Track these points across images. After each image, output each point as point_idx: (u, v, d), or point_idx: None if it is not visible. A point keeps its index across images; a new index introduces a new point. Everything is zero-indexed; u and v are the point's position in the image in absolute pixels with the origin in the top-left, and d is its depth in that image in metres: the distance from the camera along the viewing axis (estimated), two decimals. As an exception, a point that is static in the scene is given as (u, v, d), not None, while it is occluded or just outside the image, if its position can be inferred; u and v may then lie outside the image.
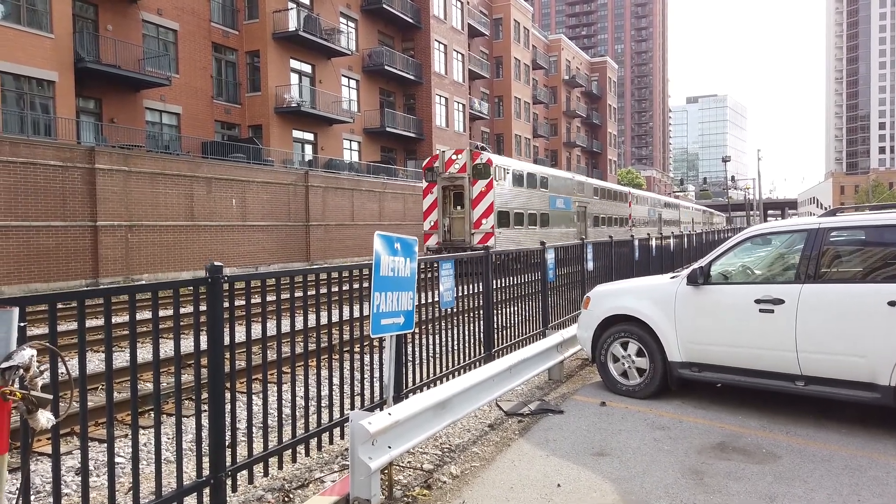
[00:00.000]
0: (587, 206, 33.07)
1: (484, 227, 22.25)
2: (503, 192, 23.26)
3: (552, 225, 28.04)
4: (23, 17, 21.91)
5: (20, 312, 2.52)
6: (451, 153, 23.19)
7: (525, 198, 25.44)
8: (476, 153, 22.67)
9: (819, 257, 5.64)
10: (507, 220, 23.57)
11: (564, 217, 29.70)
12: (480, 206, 22.44)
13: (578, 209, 31.86)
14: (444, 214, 23.22)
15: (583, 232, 32.00)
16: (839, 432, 5.44)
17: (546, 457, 5.04)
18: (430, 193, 23.44)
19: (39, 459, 5.23)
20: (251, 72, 31.98)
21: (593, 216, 34.10)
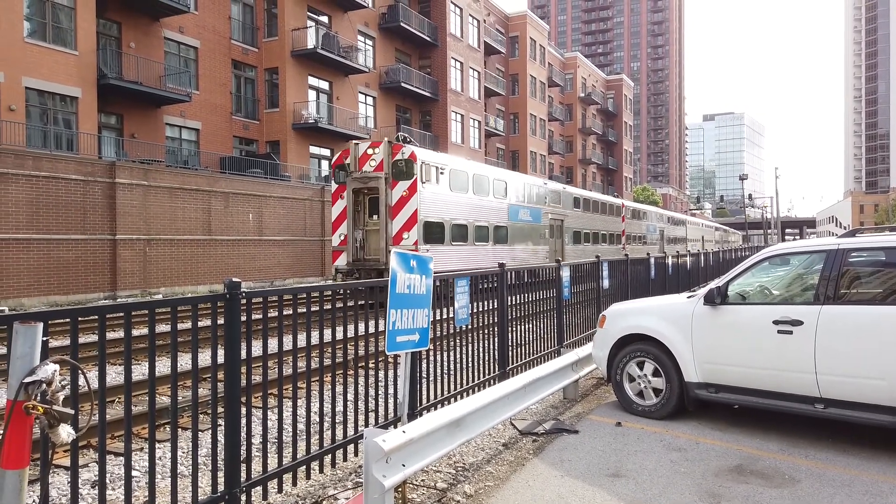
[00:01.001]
0: (564, 220, 28.25)
1: (405, 243, 17.39)
2: (435, 197, 18.49)
3: (513, 241, 23.41)
4: (48, 35, 22.40)
5: (43, 327, 2.56)
6: (366, 146, 18.17)
7: (470, 206, 20.67)
8: (397, 146, 17.72)
9: (838, 278, 5.58)
10: (440, 233, 18.87)
11: (532, 232, 24.97)
12: (401, 214, 17.59)
13: (553, 223, 27.09)
14: (355, 226, 18.29)
15: (558, 251, 27.51)
16: (860, 456, 5.34)
17: (561, 477, 4.99)
18: (339, 199, 18.57)
19: (56, 472, 5.27)
20: (269, 88, 32.39)
21: (573, 231, 29.30)
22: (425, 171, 17.88)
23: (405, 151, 17.66)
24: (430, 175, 18.12)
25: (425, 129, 42.41)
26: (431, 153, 19.29)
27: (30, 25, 22.00)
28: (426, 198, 18.05)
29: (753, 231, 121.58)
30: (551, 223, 27.07)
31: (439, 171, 18.77)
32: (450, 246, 19.36)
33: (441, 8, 42.30)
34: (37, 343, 2.44)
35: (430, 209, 18.33)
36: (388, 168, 17.69)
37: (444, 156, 20.02)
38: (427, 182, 17.97)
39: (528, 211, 24.85)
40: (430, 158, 18.47)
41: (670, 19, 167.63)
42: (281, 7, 31.49)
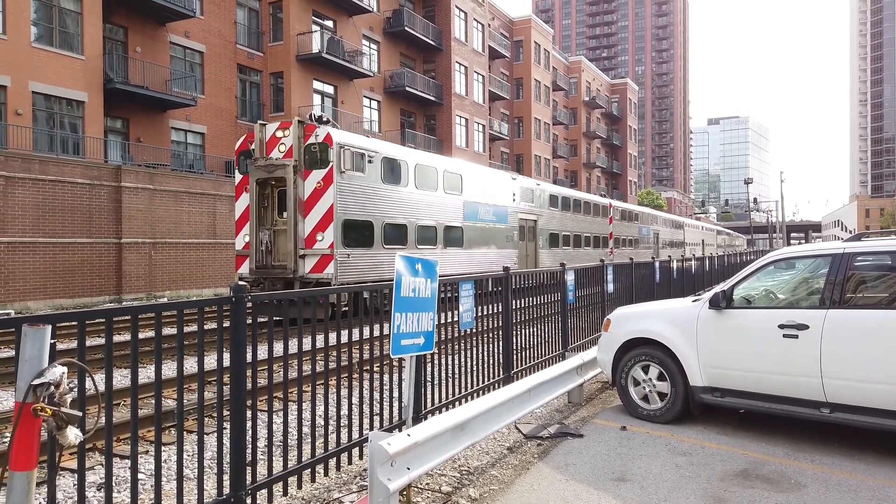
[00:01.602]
0: (538, 220, 25.02)
1: (319, 246, 14.35)
2: (360, 189, 15.32)
3: (470, 244, 20.14)
4: (55, 40, 22.53)
5: (51, 330, 2.57)
6: (275, 127, 15.20)
7: (412, 203, 17.39)
8: (309, 127, 14.74)
9: (844, 282, 5.56)
10: (367, 235, 15.62)
11: (496, 234, 21.77)
12: (315, 211, 14.50)
13: (524, 223, 23.96)
14: (261, 225, 15.17)
15: (530, 255, 24.55)
16: (866, 461, 5.32)
17: (565, 481, 4.99)
18: (243, 192, 15.51)
19: (62, 475, 5.29)
20: (275, 93, 32.50)
21: (549, 233, 26.02)
22: (345, 158, 14.65)
23: (319, 133, 14.55)
24: (352, 163, 14.92)
25: (430, 133, 42.48)
26: (356, 136, 16.03)
27: (37, 30, 22.13)
28: (347, 190, 14.90)
29: (759, 235, 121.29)
30: (522, 224, 23.73)
31: (366, 159, 15.51)
32: (382, 250, 16.03)
33: (445, 12, 42.39)
34: (45, 346, 2.46)
35: (353, 205, 15.10)
36: (299, 154, 14.64)
37: (375, 141, 16.58)
38: (348, 171, 14.79)
39: (491, 210, 21.49)
40: (352, 142, 15.24)
41: (675, 23, 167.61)
42: (286, 12, 31.61)
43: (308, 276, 14.37)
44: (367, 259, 15.60)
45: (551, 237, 26.32)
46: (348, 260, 14.81)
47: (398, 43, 39.81)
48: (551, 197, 26.75)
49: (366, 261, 15.53)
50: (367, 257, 15.62)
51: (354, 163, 15.05)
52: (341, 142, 14.71)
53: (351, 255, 14.92)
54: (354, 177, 15.13)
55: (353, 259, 15.06)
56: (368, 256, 15.65)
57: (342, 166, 14.59)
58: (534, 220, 24.77)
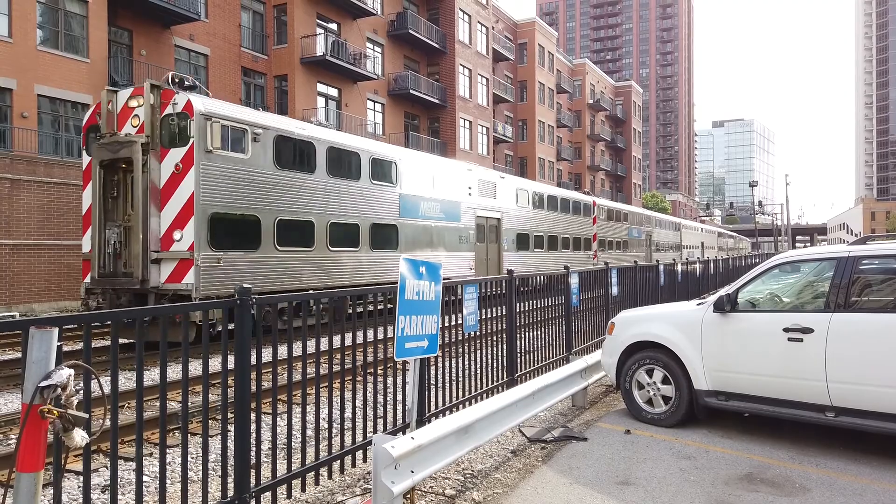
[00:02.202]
0: (502, 219, 22.08)
1: (178, 248, 11.58)
2: (238, 175, 12.31)
3: (408, 245, 17.14)
4: (60, 43, 22.63)
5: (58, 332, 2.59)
6: (127, 95, 12.22)
7: (320, 194, 14.24)
8: (167, 93, 11.90)
9: (849, 286, 5.55)
10: (251, 233, 12.65)
11: (444, 234, 18.71)
12: (172, 202, 11.72)
13: (482, 222, 20.96)
14: (108, 220, 12.24)
15: (492, 258, 21.60)
16: (871, 465, 5.31)
17: (570, 485, 4.98)
18: (89, 180, 12.48)
19: (67, 477, 5.31)
20: (279, 95, 32.58)
21: (516, 234, 23.09)
22: (213, 133, 11.71)
23: (178, 101, 11.63)
24: (224, 139, 11.93)
25: (433, 136, 42.52)
26: (234, 107, 12.95)
27: (42, 34, 22.24)
28: (218, 175, 11.87)
29: (764, 238, 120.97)
30: (480, 223, 20.74)
31: (249, 136, 12.49)
32: (275, 252, 13.09)
33: (450, 15, 42.45)
34: (52, 348, 2.48)
35: (228, 194, 12.12)
36: (153, 128, 11.69)
37: (263, 114, 13.53)
38: (219, 150, 11.84)
39: (439, 205, 18.43)
40: (226, 113, 12.17)
41: (679, 25, 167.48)
42: (290, 15, 31.70)
43: (164, 286, 11.61)
44: (251, 264, 12.56)
45: (519, 238, 23.32)
46: (218, 266, 11.88)
47: (402, 45, 39.87)
48: (519, 192, 23.51)
49: (248, 266, 12.48)
50: (251, 262, 12.57)
51: (229, 140, 12.09)
52: (208, 111, 11.72)
53: (223, 260, 11.95)
54: (230, 158, 12.11)
55: (228, 264, 12.08)
56: (252, 261, 12.60)
57: (209, 143, 11.64)
58: (497, 219, 21.73)
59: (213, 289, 11.84)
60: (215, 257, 11.86)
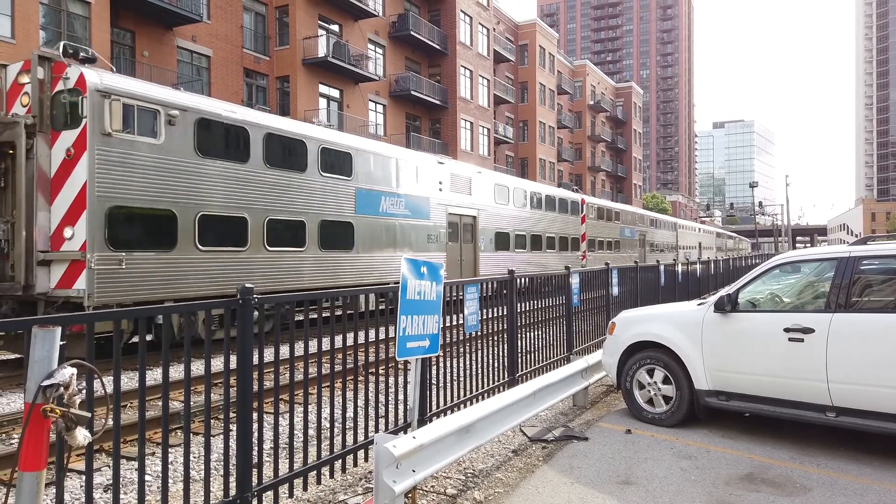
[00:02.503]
0: (478, 217, 20.26)
1: (69, 248, 9.99)
2: (145, 162, 10.73)
3: (365, 246, 15.43)
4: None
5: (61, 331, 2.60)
6: (17, 70, 10.57)
7: (255, 186, 12.61)
8: (58, 66, 10.25)
9: (850, 286, 5.56)
10: (164, 232, 11.06)
11: (410, 232, 17.00)
12: (64, 194, 10.11)
13: (457, 220, 19.23)
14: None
15: (466, 259, 19.83)
16: (872, 465, 5.31)
17: (570, 484, 4.99)
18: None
19: (69, 476, 5.32)
20: (281, 96, 32.61)
21: (495, 233, 21.34)
22: (114, 114, 10.15)
23: (70, 75, 10.07)
24: (130, 121, 10.45)
25: (435, 137, 42.55)
26: (140, 83, 11.16)
27: (45, 34, 22.28)
28: (120, 162, 10.31)
29: (764, 239, 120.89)
30: (454, 220, 18.97)
31: (163, 118, 10.93)
32: (196, 253, 11.48)
33: (451, 16, 42.49)
34: (55, 347, 2.49)
35: (134, 185, 10.53)
36: (41, 107, 10.08)
37: (180, 93, 11.87)
38: (121, 134, 10.29)
39: (404, 201, 16.76)
40: (130, 90, 10.59)
41: (679, 27, 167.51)
42: (292, 16, 31.74)
43: (54, 292, 9.97)
44: (165, 267, 10.93)
45: (499, 238, 21.58)
46: (119, 269, 10.24)
47: (404, 47, 39.90)
48: (498, 188, 21.74)
49: (161, 269, 10.87)
50: (164, 264, 10.94)
51: (136, 122, 10.53)
52: (106, 88, 10.14)
53: (126, 261, 10.31)
54: (137, 143, 10.53)
55: (133, 267, 10.46)
56: (166, 263, 10.97)
57: (108, 125, 10.05)
58: (472, 217, 19.98)
59: (113, 296, 10.16)
60: (115, 258, 10.16)
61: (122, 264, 10.33)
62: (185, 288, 11.25)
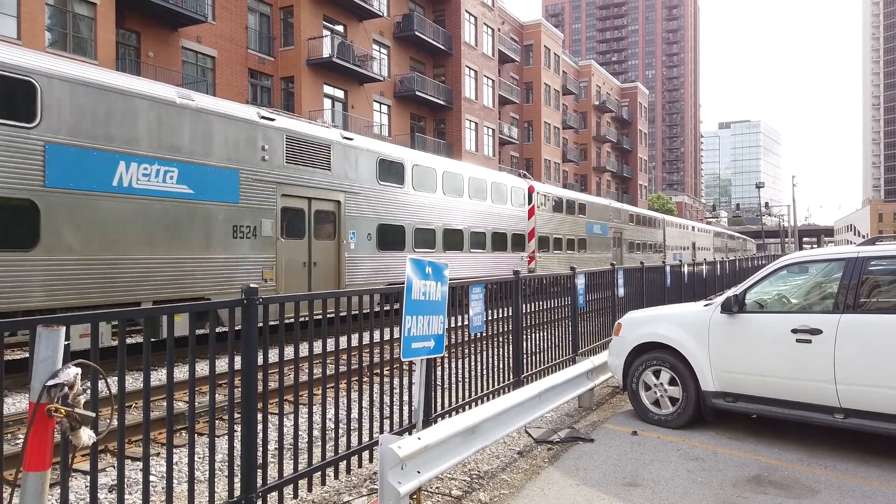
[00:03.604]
0: (343, 203, 14.63)
1: None
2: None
3: (70, 241, 9.52)
4: (69, 45, 22.75)
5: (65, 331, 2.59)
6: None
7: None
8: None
9: (858, 287, 5.52)
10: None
11: (194, 220, 11.35)
12: None
13: (302, 206, 13.66)
14: None
15: (324, 260, 14.23)
16: (881, 467, 5.27)
17: (576, 486, 4.96)
18: None
19: (74, 476, 5.32)
20: (285, 97, 32.66)
21: (377, 227, 15.73)
22: None
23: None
24: None
25: (439, 138, 42.55)
26: None
27: (51, 35, 22.36)
28: None
29: (770, 239, 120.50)
30: (293, 206, 13.44)
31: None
32: None
33: (456, 17, 42.49)
34: (59, 346, 2.48)
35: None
36: None
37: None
38: None
39: (176, 171, 11.01)
40: None
41: (685, 27, 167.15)
42: (297, 16, 31.79)
43: None
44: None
45: (386, 233, 15.99)
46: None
47: (408, 47, 39.91)
48: (385, 164, 16.01)
49: None
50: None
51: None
52: None
53: None
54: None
55: None
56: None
57: None
58: (334, 202, 14.45)
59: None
60: None
61: None
62: None
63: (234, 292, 11.61)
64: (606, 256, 31.81)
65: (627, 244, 35.70)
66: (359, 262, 15.13)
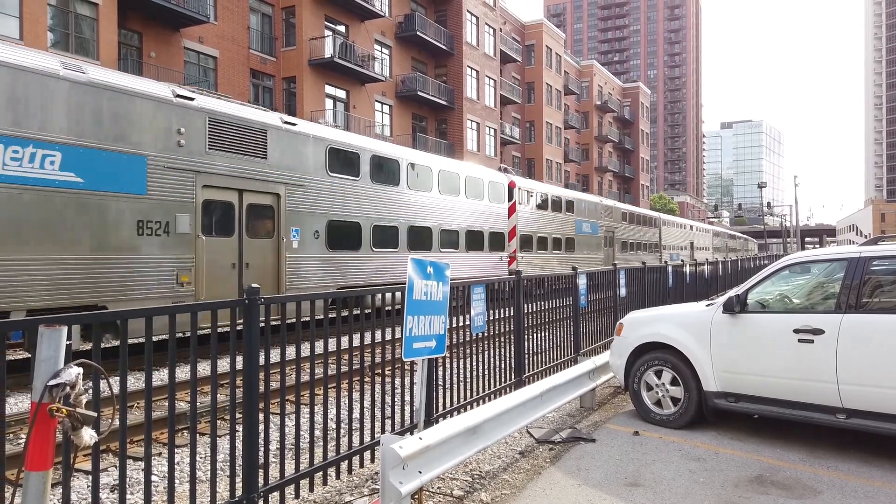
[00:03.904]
0: (283, 197, 12.86)
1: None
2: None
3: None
4: (71, 45, 22.78)
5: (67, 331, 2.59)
6: None
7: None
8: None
9: (860, 287, 5.51)
10: None
11: (79, 213, 9.57)
12: None
13: (230, 200, 11.91)
14: None
15: (260, 262, 12.44)
16: (883, 468, 5.26)
17: (578, 486, 4.96)
18: None
19: (75, 476, 5.33)
20: (287, 97, 32.68)
21: (327, 224, 13.97)
22: None
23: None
24: None
25: (441, 138, 42.55)
26: None
27: (53, 36, 22.39)
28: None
29: (772, 239, 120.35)
30: (220, 199, 11.76)
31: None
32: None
33: (457, 17, 42.49)
34: (61, 346, 2.48)
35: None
36: None
37: None
38: None
39: (58, 155, 9.39)
40: None
41: (687, 26, 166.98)
42: (299, 17, 31.80)
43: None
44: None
45: (337, 230, 14.21)
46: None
47: (410, 47, 39.92)
48: (336, 154, 14.25)
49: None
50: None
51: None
52: None
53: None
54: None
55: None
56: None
57: None
58: (272, 195, 12.75)
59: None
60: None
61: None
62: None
63: (142, 298, 10.30)
64: (596, 257, 30.16)
65: (620, 244, 34.17)
66: (304, 262, 13.35)
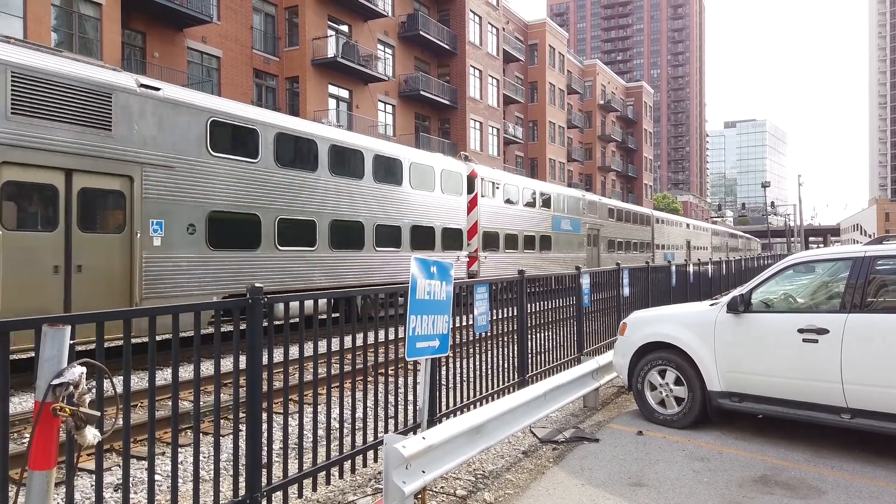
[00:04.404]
0: (136, 182, 10.11)
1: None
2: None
3: None
4: (75, 46, 22.83)
5: (70, 330, 2.59)
6: None
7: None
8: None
9: (865, 286, 5.49)
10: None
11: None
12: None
13: (53, 183, 9.12)
14: None
15: (95, 265, 9.63)
16: (888, 468, 5.24)
17: (581, 486, 4.95)
18: None
19: (79, 475, 5.33)
20: (290, 97, 32.70)
21: (208, 216, 11.28)
22: None
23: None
24: None
25: (444, 137, 42.54)
26: None
27: (57, 36, 22.44)
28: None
29: (776, 239, 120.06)
30: (44, 184, 9.15)
31: None
32: None
33: (460, 16, 42.48)
34: (65, 346, 2.48)
35: None
36: None
37: None
38: None
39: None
40: None
41: (690, 26, 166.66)
42: (302, 16, 31.82)
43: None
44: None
45: (222, 225, 11.59)
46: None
47: (413, 47, 39.92)
48: (217, 126, 11.49)
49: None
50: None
51: None
52: None
53: None
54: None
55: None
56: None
57: None
58: (125, 178, 10.14)
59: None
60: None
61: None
62: None
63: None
64: (578, 257, 27.25)
65: (606, 242, 31.21)
66: (171, 264, 10.72)
